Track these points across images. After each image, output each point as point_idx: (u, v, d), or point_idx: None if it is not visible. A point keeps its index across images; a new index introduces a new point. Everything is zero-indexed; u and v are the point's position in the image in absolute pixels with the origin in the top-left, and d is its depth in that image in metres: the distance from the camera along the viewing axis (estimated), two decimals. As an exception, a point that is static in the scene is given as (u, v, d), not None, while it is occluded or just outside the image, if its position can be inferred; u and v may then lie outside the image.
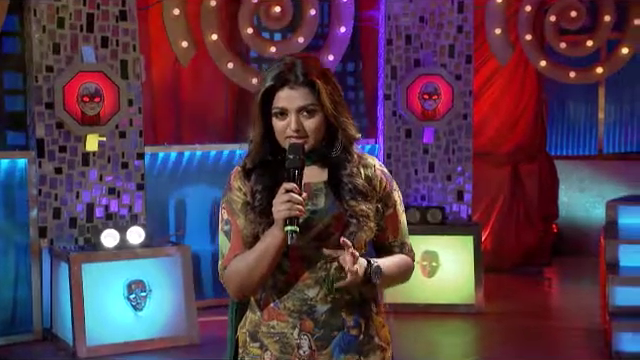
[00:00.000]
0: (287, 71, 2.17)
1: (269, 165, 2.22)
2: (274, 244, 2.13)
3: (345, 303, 2.20)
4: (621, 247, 5.63)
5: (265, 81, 2.19)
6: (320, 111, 2.17)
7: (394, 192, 2.30)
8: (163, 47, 6.84)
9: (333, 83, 2.20)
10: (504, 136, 7.86)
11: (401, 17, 6.64)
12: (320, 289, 2.19)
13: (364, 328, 2.23)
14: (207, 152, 6.74)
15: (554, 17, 7.12)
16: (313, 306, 2.19)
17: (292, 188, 2.10)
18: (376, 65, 7.10)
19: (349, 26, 6.76)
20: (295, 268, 2.20)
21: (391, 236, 2.30)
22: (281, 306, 2.22)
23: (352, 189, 2.20)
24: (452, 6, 6.66)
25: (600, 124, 8.94)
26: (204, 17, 6.53)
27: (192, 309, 5.72)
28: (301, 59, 2.20)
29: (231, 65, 6.57)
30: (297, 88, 2.15)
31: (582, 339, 5.76)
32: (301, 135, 2.16)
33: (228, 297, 7.27)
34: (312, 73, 2.17)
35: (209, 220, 6.85)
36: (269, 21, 6.62)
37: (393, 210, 2.29)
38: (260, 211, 2.19)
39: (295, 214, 2.08)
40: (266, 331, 2.24)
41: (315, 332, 2.20)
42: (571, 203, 8.60)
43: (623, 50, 7.28)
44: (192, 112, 7.08)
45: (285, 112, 2.17)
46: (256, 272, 2.17)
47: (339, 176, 2.21)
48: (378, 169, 2.29)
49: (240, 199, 2.24)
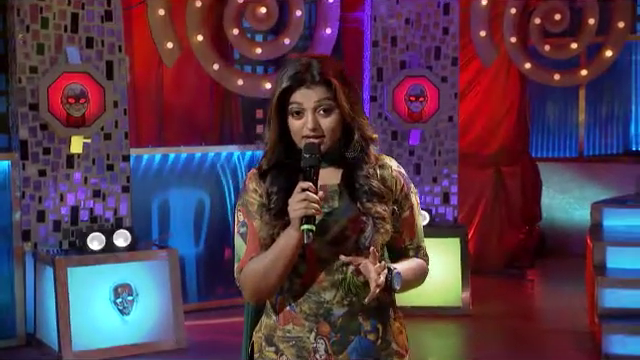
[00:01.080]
0: (303, 71, 2.15)
1: (285, 167, 2.19)
2: (290, 244, 2.11)
3: (362, 307, 2.18)
4: (609, 249, 5.66)
5: (281, 82, 2.16)
6: (337, 110, 2.15)
7: (411, 194, 2.28)
8: (146, 48, 6.77)
9: (350, 84, 2.19)
10: (487, 138, 7.87)
11: (387, 19, 6.62)
12: (337, 292, 2.17)
13: (382, 333, 2.21)
14: (192, 154, 6.68)
15: (539, 19, 7.16)
16: (329, 309, 2.17)
17: (308, 187, 2.08)
18: (359, 66, 7.08)
19: (335, 27, 6.74)
20: (311, 271, 2.17)
21: (407, 239, 2.28)
22: (297, 310, 2.19)
23: (368, 191, 2.18)
24: (438, 8, 6.66)
25: (581, 126, 8.99)
26: (189, 18, 6.48)
27: (179, 313, 5.66)
28: (317, 59, 2.19)
29: (217, 66, 6.51)
30: (313, 87, 2.14)
31: (570, 341, 5.77)
32: (318, 134, 2.14)
33: (212, 301, 7.19)
34: (328, 72, 2.15)
35: (193, 223, 6.79)
36: (255, 22, 6.58)
37: (410, 212, 2.27)
38: (276, 213, 2.16)
39: (311, 213, 2.06)
40: (282, 335, 2.21)
41: (332, 336, 2.17)
42: (552, 205, 8.64)
43: (607, 53, 7.34)
44: (176, 114, 7.01)
45: (301, 111, 2.15)
46: (273, 274, 2.14)
47: (355, 178, 2.19)
48: (395, 170, 2.27)
49: (256, 201, 2.22)
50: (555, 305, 6.85)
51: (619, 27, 7.28)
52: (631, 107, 9.37)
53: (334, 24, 6.72)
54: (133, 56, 6.72)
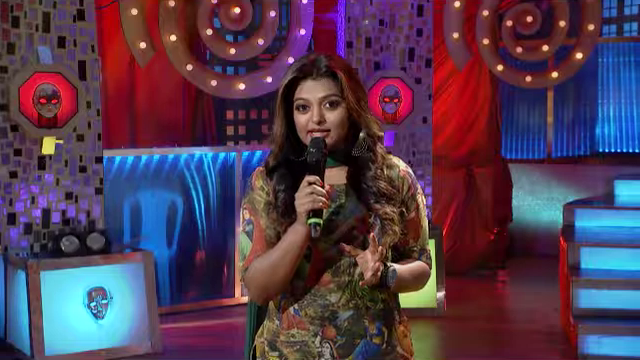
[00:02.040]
0: (310, 64, 2.14)
1: (292, 164, 2.17)
2: (297, 240, 2.08)
3: (368, 310, 2.16)
4: (582, 250, 5.71)
5: (287, 75, 2.15)
6: (343, 104, 2.13)
7: (418, 195, 2.26)
8: (118, 47, 6.69)
9: (356, 79, 2.18)
10: (459, 139, 7.91)
11: (361, 20, 6.61)
12: (343, 294, 2.14)
13: (387, 337, 2.19)
14: (165, 156, 6.61)
15: (510, 22, 7.21)
16: (335, 312, 2.14)
17: (315, 180, 2.06)
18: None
19: (309, 28, 6.71)
20: (317, 272, 2.14)
21: (412, 240, 2.26)
22: (302, 313, 2.16)
23: (376, 192, 2.16)
24: (412, 10, 6.67)
25: (549, 128, 9.08)
26: (162, 18, 6.40)
27: (155, 317, 5.59)
28: (324, 54, 2.18)
29: (190, 67, 6.45)
30: (319, 79, 2.13)
31: (545, 342, 5.81)
32: (323, 127, 2.12)
33: (185, 304, 7.12)
34: (335, 66, 2.14)
35: (166, 225, 6.72)
36: (229, 22, 6.53)
37: (415, 214, 2.24)
38: (283, 211, 2.13)
39: (319, 206, 2.04)
40: (285, 340, 2.18)
41: (337, 340, 2.15)
42: (521, 206, 8.71)
43: (577, 55, 7.41)
44: (148, 115, 6.94)
45: (307, 105, 2.13)
46: (279, 271, 2.11)
47: (363, 178, 2.17)
48: (403, 170, 2.24)
49: (262, 198, 2.19)
50: (527, 306, 6.89)
51: (589, 29, 7.36)
52: (597, 109, 9.49)
53: (308, 25, 6.69)
54: (104, 56, 6.63)
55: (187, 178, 6.71)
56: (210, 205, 6.81)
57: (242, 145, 7.23)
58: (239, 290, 6.91)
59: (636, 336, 5.14)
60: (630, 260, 5.66)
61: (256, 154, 6.96)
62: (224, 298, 6.90)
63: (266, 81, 6.61)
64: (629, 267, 5.62)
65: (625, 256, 5.68)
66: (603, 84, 9.49)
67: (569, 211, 6.48)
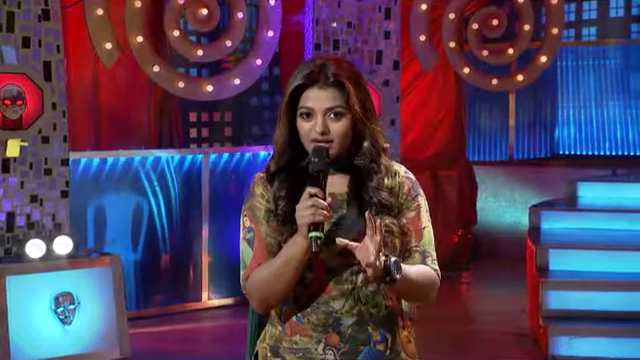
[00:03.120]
0: (317, 71, 2.09)
1: (293, 170, 2.12)
2: (298, 252, 2.04)
3: (371, 316, 2.13)
4: (551, 252, 5.76)
5: (294, 80, 2.10)
6: (348, 115, 2.09)
7: (419, 197, 2.20)
8: (81, 48, 6.58)
9: (364, 89, 2.13)
10: (425, 141, 7.94)
11: (329, 22, 6.61)
12: (346, 301, 2.10)
13: (391, 343, 2.16)
14: (131, 158, 6.52)
15: (476, 25, 7.26)
16: (339, 319, 2.11)
17: (316, 192, 2.01)
18: (291, 69, 7.05)
19: (277, 30, 6.68)
20: (319, 281, 2.11)
21: (413, 240, 2.18)
22: (304, 320, 2.12)
23: (377, 203, 2.11)
24: (379, 12, 6.68)
25: (511, 131, 9.17)
26: (129, 18, 6.32)
27: (123, 322, 5.50)
28: (333, 60, 2.13)
29: (157, 68, 6.37)
30: (326, 88, 2.07)
31: (514, 343, 5.85)
32: (327, 138, 2.07)
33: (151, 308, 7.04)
34: (343, 74, 2.09)
35: (131, 228, 6.62)
36: (196, 24, 6.47)
37: (416, 213, 2.18)
38: (283, 219, 2.09)
39: (320, 220, 2.00)
40: (288, 347, 2.15)
41: (341, 347, 2.11)
42: (484, 208, 8.77)
43: (542, 59, 7.50)
44: (113, 116, 6.84)
45: (311, 113, 2.08)
46: (280, 282, 2.08)
47: (364, 188, 2.12)
48: (402, 175, 2.20)
49: (263, 206, 2.15)
50: (494, 308, 6.94)
51: (553, 33, 7.45)
52: (557, 112, 9.62)
53: (276, 27, 6.66)
54: (68, 57, 6.51)
55: (153, 181, 6.63)
56: (176, 208, 6.74)
57: (206, 147, 7.15)
58: (206, 294, 6.85)
59: (606, 337, 5.20)
60: (598, 262, 5.72)
61: (223, 157, 6.90)
62: (191, 302, 6.83)
63: (234, 83, 6.56)
64: (597, 268, 5.69)
65: (593, 258, 5.75)
66: (562, 87, 9.63)
67: (535, 213, 6.54)
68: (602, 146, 9.51)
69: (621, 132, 9.46)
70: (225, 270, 6.95)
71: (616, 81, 9.59)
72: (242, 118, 7.54)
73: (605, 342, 5.18)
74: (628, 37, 9.56)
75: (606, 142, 9.49)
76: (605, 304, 5.40)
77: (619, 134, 9.46)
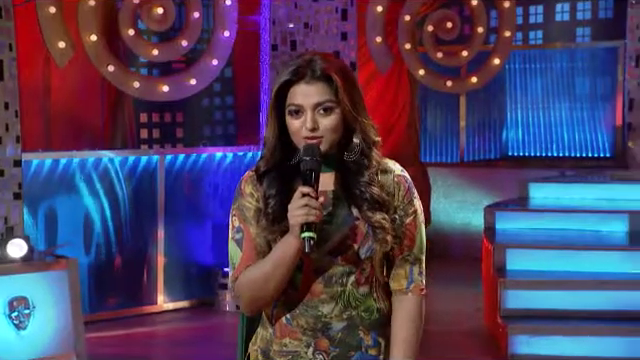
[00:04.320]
0: (304, 65, 2.04)
1: (283, 168, 2.08)
2: (290, 253, 2.00)
3: (362, 320, 2.09)
4: (508, 251, 5.83)
5: (280, 77, 2.05)
6: (337, 109, 2.04)
7: (415, 200, 2.16)
8: (32, 47, 6.43)
9: (352, 82, 2.08)
10: (379, 143, 7.96)
11: (286, 23, 6.59)
12: (335, 305, 2.06)
13: (384, 348, 2.11)
14: (85, 159, 6.39)
15: (431, 27, 7.32)
16: (328, 323, 2.07)
17: (309, 192, 1.97)
18: (249, 70, 7.03)
19: (233, 30, 6.63)
20: (309, 282, 2.06)
21: (406, 249, 2.13)
22: (294, 323, 2.08)
23: (369, 198, 2.06)
24: (336, 13, 6.68)
25: (462, 132, 9.26)
26: (82, 17, 6.20)
27: (80, 326, 5.39)
28: (320, 55, 2.08)
29: (112, 68, 6.26)
30: (314, 83, 2.02)
31: (473, 343, 5.90)
32: (317, 134, 2.03)
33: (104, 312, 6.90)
34: (330, 68, 2.04)
35: (83, 231, 6.49)
36: (151, 23, 6.38)
37: (412, 219, 2.14)
38: (273, 218, 2.04)
39: (313, 219, 1.95)
40: (278, 350, 2.10)
41: (331, 351, 2.07)
42: (436, 209, 8.85)
43: (495, 61, 7.59)
44: (65, 116, 6.70)
45: (300, 110, 2.03)
46: (270, 283, 2.03)
47: (355, 184, 2.07)
48: (398, 175, 2.14)
49: (252, 205, 2.10)
50: (448, 307, 6.99)
51: (506, 36, 7.55)
52: (506, 114, 9.75)
53: (232, 27, 6.61)
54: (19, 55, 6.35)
55: (106, 182, 6.51)
56: (131, 210, 6.63)
57: (160, 148, 7.06)
58: (161, 297, 6.76)
59: (564, 336, 5.28)
60: (554, 261, 5.81)
61: (179, 158, 6.82)
62: (145, 305, 6.73)
63: (190, 83, 6.49)
64: (553, 268, 5.77)
65: (548, 257, 5.84)
66: (511, 90, 9.76)
67: (490, 213, 6.61)
68: (549, 147, 9.67)
69: (567, 134, 9.63)
70: (181, 273, 6.87)
71: (562, 84, 9.76)
72: (194, 119, 7.47)
73: (564, 340, 5.25)
74: (573, 41, 9.74)
75: (553, 144, 9.65)
76: (562, 303, 5.49)
77: (566, 136, 9.63)
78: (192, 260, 6.93)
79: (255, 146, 7.06)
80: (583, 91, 9.67)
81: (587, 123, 9.58)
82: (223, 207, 7.01)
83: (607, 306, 5.43)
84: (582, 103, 9.68)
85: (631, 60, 8.63)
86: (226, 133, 7.69)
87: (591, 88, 9.59)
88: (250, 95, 7.29)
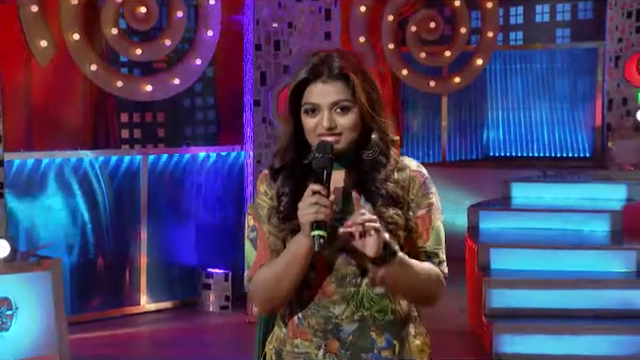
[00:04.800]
0: (321, 64, 2.02)
1: (298, 167, 2.06)
2: (300, 252, 1.98)
3: (375, 321, 2.04)
4: (492, 250, 5.85)
5: (297, 75, 2.04)
6: (355, 108, 2.01)
7: (430, 194, 2.12)
8: (13, 45, 6.37)
9: (371, 80, 2.06)
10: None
11: (270, 22, 6.57)
12: (347, 306, 2.02)
13: (398, 350, 2.06)
14: (67, 159, 6.34)
15: (414, 27, 7.33)
16: (339, 325, 2.03)
17: (319, 189, 1.93)
18: (232, 70, 7.01)
19: (217, 30, 6.61)
20: (321, 282, 2.03)
21: (421, 240, 2.08)
22: (305, 323, 2.06)
23: (384, 194, 2.03)
24: (320, 13, 6.67)
25: (443, 132, 9.29)
26: (64, 16, 6.16)
27: (63, 327, 5.34)
28: (337, 52, 2.06)
29: (94, 67, 6.22)
30: (330, 82, 2.01)
31: (457, 342, 5.92)
32: (334, 133, 2.00)
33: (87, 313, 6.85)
34: (348, 67, 2.02)
35: (64, 232, 6.44)
36: (134, 22, 6.35)
37: (426, 212, 2.09)
38: (284, 216, 2.03)
39: (322, 218, 1.92)
40: (290, 350, 2.08)
41: (341, 354, 2.03)
42: (418, 209, 8.85)
43: (478, 61, 7.62)
44: (47, 116, 6.65)
45: (316, 109, 2.01)
46: (283, 283, 2.01)
47: (372, 181, 2.04)
48: (414, 170, 2.12)
49: (266, 204, 2.09)
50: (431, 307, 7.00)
51: (488, 36, 7.58)
52: (487, 114, 9.79)
53: (216, 27, 6.59)
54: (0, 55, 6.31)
55: (88, 182, 6.47)
56: (113, 210, 6.58)
57: (143, 148, 7.02)
58: (144, 298, 6.72)
59: (548, 334, 5.31)
60: (538, 260, 5.84)
61: (162, 158, 6.79)
62: (128, 306, 6.69)
63: (173, 83, 6.46)
64: (537, 267, 5.81)
65: (533, 256, 5.87)
66: (492, 90, 9.81)
67: (473, 213, 6.64)
68: (530, 147, 9.73)
69: (548, 134, 9.69)
70: (163, 273, 6.83)
71: (542, 84, 9.82)
72: (175, 119, 7.44)
73: (548, 339, 5.28)
74: (553, 42, 9.81)
75: (534, 144, 9.71)
76: (546, 302, 5.52)
77: (546, 136, 9.69)
78: (175, 260, 6.90)
79: (239, 146, 7.04)
80: (563, 92, 9.74)
81: (567, 123, 9.65)
82: (206, 207, 6.98)
83: (591, 305, 5.47)
84: (562, 103, 9.75)
85: (610, 61, 8.71)
86: (207, 133, 7.67)
87: (571, 89, 9.66)
88: (232, 95, 7.27)
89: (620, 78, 8.57)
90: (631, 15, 8.57)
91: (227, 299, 6.70)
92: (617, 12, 8.62)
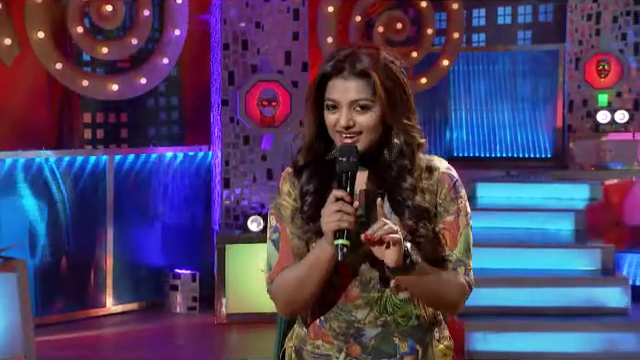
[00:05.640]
0: (344, 60, 1.96)
1: (322, 164, 2.00)
2: (324, 257, 1.92)
3: (398, 326, 2.00)
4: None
5: (320, 69, 1.98)
6: (376, 107, 1.95)
7: (459, 199, 2.04)
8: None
9: (396, 78, 1.99)
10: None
11: (238, 22, 6.54)
12: (370, 311, 1.98)
13: (421, 356, 2.02)
14: (31, 159, 6.24)
15: (382, 28, 7.36)
16: (361, 329, 1.99)
17: (342, 196, 1.88)
18: (198, 70, 6.98)
19: (184, 29, 6.56)
20: (345, 286, 1.99)
21: (447, 249, 2.02)
22: (326, 326, 2.02)
23: (411, 206, 1.96)
24: (288, 13, 6.66)
25: (408, 133, 9.33)
26: (28, 13, 6.06)
27: (30, 329, 5.26)
28: (362, 48, 2.00)
29: (59, 65, 6.13)
30: (352, 79, 1.94)
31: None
32: (352, 131, 1.94)
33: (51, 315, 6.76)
34: (371, 65, 1.95)
35: (28, 233, 6.34)
36: (100, 20, 6.28)
37: (454, 218, 2.02)
38: (308, 217, 1.97)
39: (345, 226, 1.86)
40: (311, 350, 2.04)
41: (362, 358, 2.00)
42: (383, 209, 8.88)
43: (444, 62, 7.67)
44: (9, 115, 6.54)
45: (337, 105, 1.96)
46: (306, 288, 1.96)
47: (398, 190, 1.97)
48: (443, 173, 2.04)
49: (289, 204, 2.03)
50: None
51: (454, 37, 7.64)
52: (450, 115, 9.86)
53: (183, 26, 6.54)
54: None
55: (53, 183, 6.37)
56: (78, 211, 6.49)
57: (106, 149, 6.94)
58: (110, 299, 6.64)
59: (518, 332, 5.36)
60: (505, 259, 5.91)
61: (129, 157, 6.72)
62: (93, 308, 6.60)
63: (140, 82, 6.40)
64: (505, 265, 5.87)
65: (500, 255, 5.92)
66: (455, 91, 9.88)
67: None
68: (493, 148, 9.81)
69: (510, 135, 9.79)
70: (130, 275, 6.76)
71: (505, 86, 9.92)
72: (138, 120, 7.37)
73: (518, 337, 5.33)
74: (515, 43, 9.91)
75: (497, 144, 9.80)
76: (515, 300, 5.57)
77: (509, 137, 9.79)
78: (141, 262, 6.82)
79: (206, 146, 7.00)
80: (525, 93, 9.84)
81: (529, 124, 9.75)
82: (173, 208, 6.93)
83: (558, 303, 5.54)
84: (524, 105, 9.85)
85: (571, 63, 8.83)
86: (171, 133, 7.62)
87: (532, 90, 9.77)
88: (199, 95, 7.22)
89: (580, 80, 8.70)
90: (591, 18, 8.70)
91: (195, 300, 6.65)
92: (577, 15, 8.75)
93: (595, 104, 8.69)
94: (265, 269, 2.09)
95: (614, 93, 8.61)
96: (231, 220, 6.54)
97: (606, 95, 8.61)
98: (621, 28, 8.59)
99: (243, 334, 6.11)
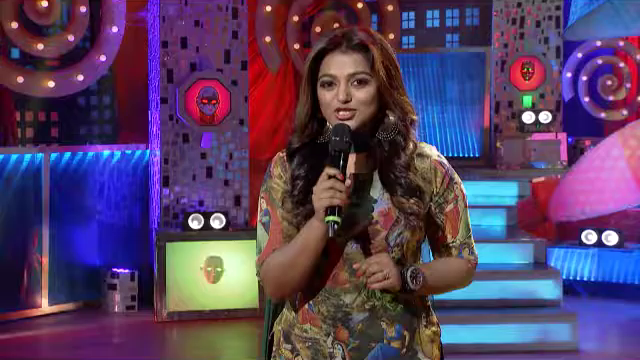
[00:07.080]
0: (340, 35, 1.96)
1: (315, 148, 1.99)
2: (314, 237, 1.91)
3: (386, 311, 2.00)
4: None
5: (316, 47, 1.97)
6: (373, 82, 1.94)
7: (455, 185, 2.05)
8: None
9: (390, 56, 1.98)
10: (264, 143, 7.97)
11: (176, 20, 6.52)
12: (358, 295, 1.98)
13: (408, 341, 2.02)
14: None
15: (319, 28, 7.43)
16: (348, 313, 1.99)
17: (335, 174, 1.87)
18: (135, 67, 6.92)
19: (121, 26, 6.51)
20: (334, 269, 1.98)
21: (450, 236, 2.06)
22: (315, 310, 2.01)
23: (404, 184, 1.96)
24: (227, 12, 6.67)
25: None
26: (-38, 8, 5.93)
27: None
28: (358, 27, 2.01)
29: (-6, 61, 6.02)
30: (349, 53, 1.93)
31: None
32: (349, 106, 1.93)
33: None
34: (367, 39, 1.95)
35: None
36: (35, 16, 6.17)
37: (454, 206, 2.04)
38: (298, 200, 1.96)
39: (337, 203, 1.86)
40: (299, 334, 2.04)
41: (350, 342, 1.99)
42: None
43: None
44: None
45: (333, 81, 1.94)
46: (296, 268, 1.95)
47: (391, 167, 1.97)
48: (435, 160, 2.04)
49: (280, 187, 2.02)
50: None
51: (390, 38, 7.75)
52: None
53: (120, 23, 6.48)
54: None
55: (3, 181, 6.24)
56: (11, 210, 6.36)
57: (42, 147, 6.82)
58: (45, 300, 6.52)
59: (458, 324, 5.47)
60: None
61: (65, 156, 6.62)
62: (28, 309, 6.47)
63: (77, 79, 6.32)
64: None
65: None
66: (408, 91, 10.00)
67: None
68: (423, 148, 9.99)
69: (440, 135, 9.98)
70: (66, 274, 6.65)
71: (434, 87, 10.11)
72: (69, 118, 7.26)
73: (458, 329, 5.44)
74: (443, 46, 10.12)
75: (427, 144, 9.97)
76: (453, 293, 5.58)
77: (438, 136, 9.98)
78: (78, 261, 6.72)
79: (143, 144, 6.94)
80: (453, 94, 10.05)
81: (457, 124, 9.96)
82: (109, 206, 6.85)
83: (495, 295, 5.68)
84: (452, 106, 10.06)
85: (497, 65, 9.07)
86: (103, 132, 7.52)
87: (460, 91, 9.98)
88: (135, 93, 7.16)
89: (506, 82, 8.94)
90: (515, 22, 8.95)
91: (133, 299, 6.60)
92: (502, 19, 8.99)
93: (520, 105, 8.94)
94: (256, 251, 2.08)
95: (538, 95, 8.88)
96: (170, 218, 6.52)
97: (530, 97, 8.87)
98: (544, 32, 8.86)
99: (183, 333, 6.09)
